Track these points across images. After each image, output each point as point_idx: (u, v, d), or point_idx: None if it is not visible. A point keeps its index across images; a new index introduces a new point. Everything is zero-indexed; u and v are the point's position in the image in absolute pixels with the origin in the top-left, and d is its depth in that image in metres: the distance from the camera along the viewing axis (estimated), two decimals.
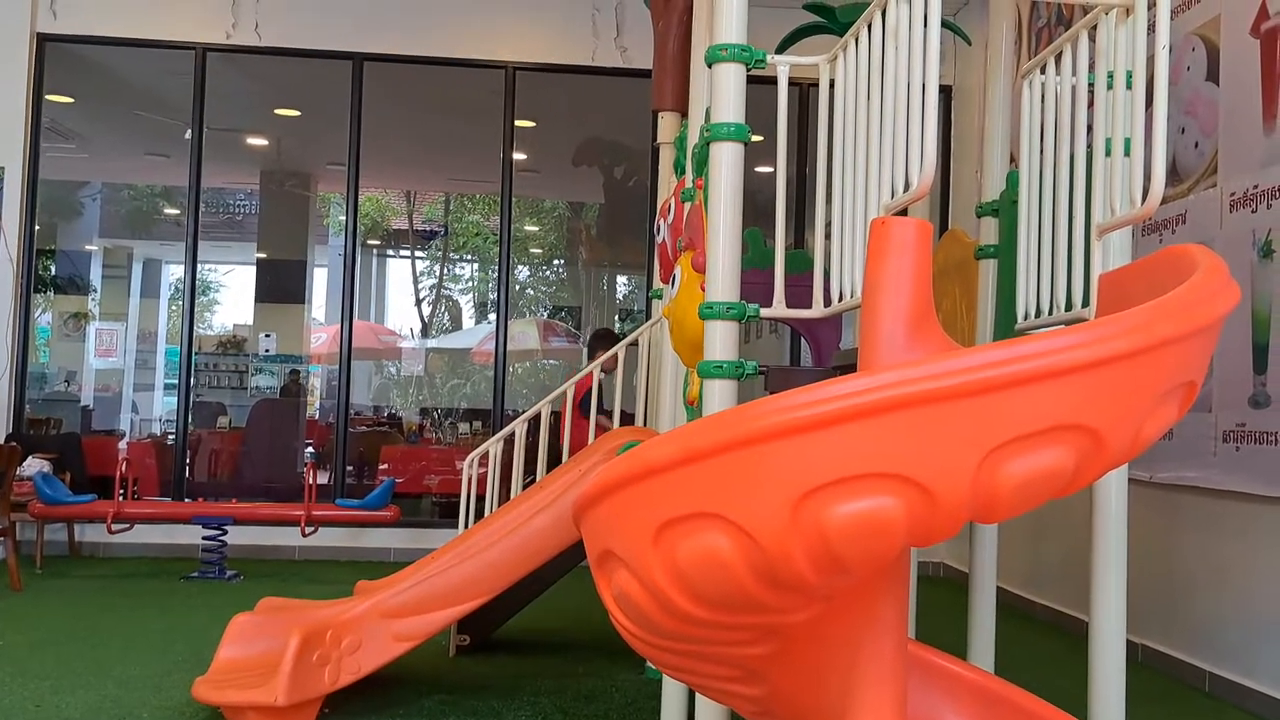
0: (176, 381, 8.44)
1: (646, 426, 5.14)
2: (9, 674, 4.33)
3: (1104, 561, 2.54)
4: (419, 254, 16.68)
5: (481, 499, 5.25)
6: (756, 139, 2.40)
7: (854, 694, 1.72)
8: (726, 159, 2.37)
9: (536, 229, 14.90)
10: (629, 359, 5.63)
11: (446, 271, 16.72)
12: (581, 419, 5.59)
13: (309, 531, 6.79)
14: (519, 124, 8.24)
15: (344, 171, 8.11)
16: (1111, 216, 2.16)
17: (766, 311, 2.42)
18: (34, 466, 6.89)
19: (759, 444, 1.40)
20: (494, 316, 8.59)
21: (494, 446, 5.23)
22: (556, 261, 15.86)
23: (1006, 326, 2.74)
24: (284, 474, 9.66)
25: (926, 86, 1.95)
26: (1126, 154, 2.12)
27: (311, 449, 10.12)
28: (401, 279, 16.66)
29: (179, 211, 10.45)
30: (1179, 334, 1.46)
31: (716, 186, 2.39)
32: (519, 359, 12.85)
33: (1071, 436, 1.40)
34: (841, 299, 2.33)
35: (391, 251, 16.74)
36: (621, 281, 14.35)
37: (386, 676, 4.14)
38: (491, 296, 12.54)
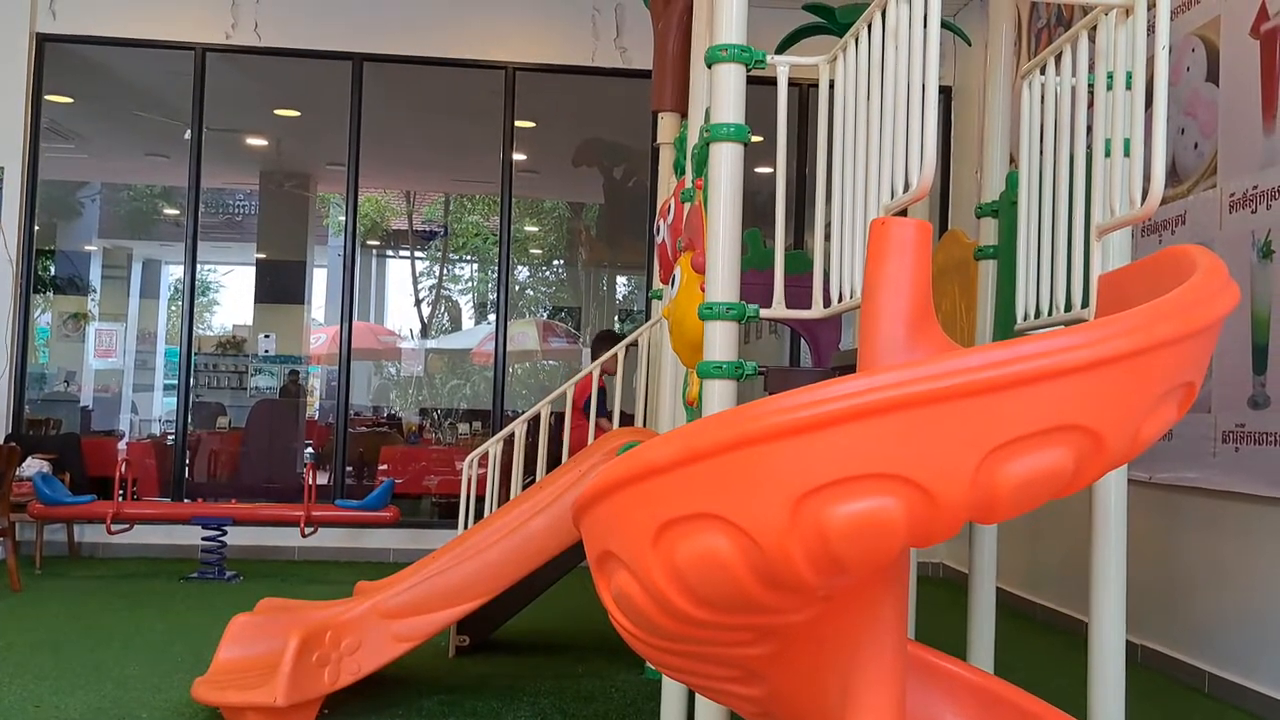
0: (176, 382, 8.44)
1: (646, 427, 5.14)
2: (9, 674, 4.33)
3: (1103, 562, 2.54)
4: (419, 254, 16.67)
5: (481, 500, 5.25)
6: (756, 139, 2.39)
7: (853, 694, 1.72)
8: (726, 159, 2.37)
9: (536, 229, 14.89)
10: (628, 359, 5.63)
11: (446, 272, 16.71)
12: (581, 419, 5.60)
13: (308, 532, 6.79)
14: (519, 124, 8.24)
15: (343, 172, 8.11)
16: (1111, 217, 2.16)
17: (766, 312, 2.42)
18: (33, 467, 6.89)
19: (759, 444, 1.40)
20: (494, 317, 8.59)
21: (493, 447, 5.24)
22: (556, 262, 15.85)
23: (1006, 327, 2.74)
24: (283, 474, 9.66)
25: (926, 87, 1.95)
26: (1126, 154, 2.12)
27: (311, 450, 10.12)
28: (401, 279, 16.65)
29: (178, 212, 10.45)
30: (1178, 335, 1.46)
31: (716, 187, 2.39)
32: (519, 360, 12.85)
33: (1071, 437, 1.40)
34: (841, 300, 2.33)
35: (391, 252, 16.72)
36: (621, 282, 14.34)
37: (386, 677, 4.14)
38: (491, 297, 12.54)
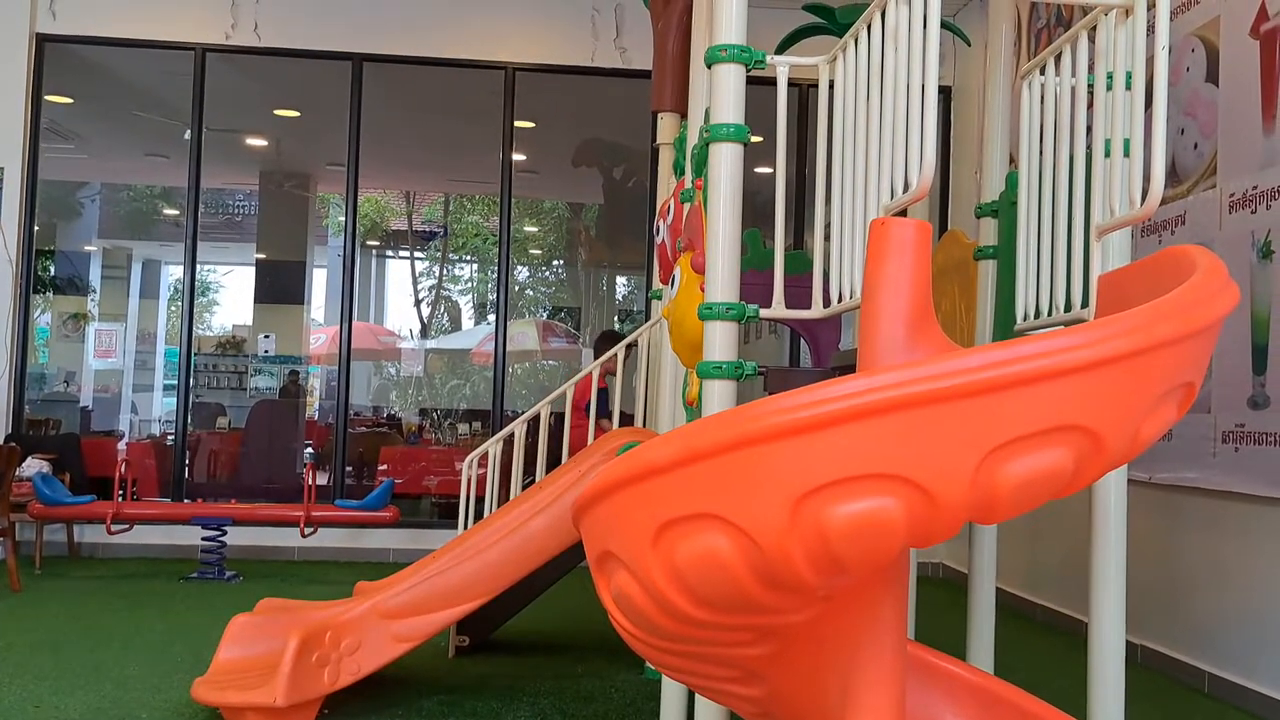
0: (176, 382, 8.43)
1: (646, 427, 5.14)
2: (9, 674, 4.33)
3: (1103, 562, 2.54)
4: (418, 255, 16.67)
5: (481, 500, 5.25)
6: (756, 140, 2.40)
7: (853, 694, 1.72)
8: (726, 159, 2.37)
9: (536, 230, 14.89)
10: (628, 360, 5.63)
11: (446, 272, 16.71)
12: (581, 419, 5.60)
13: (308, 532, 6.79)
14: (518, 124, 8.24)
15: (343, 172, 8.11)
16: (1111, 217, 2.16)
17: (766, 312, 2.42)
18: (33, 467, 6.89)
19: (758, 445, 1.40)
20: (493, 317, 8.59)
21: (493, 447, 5.24)
22: (556, 262, 15.85)
23: (1006, 327, 2.74)
24: (283, 475, 9.66)
25: (926, 87, 1.95)
26: (1126, 155, 2.12)
27: (311, 450, 10.12)
28: (401, 280, 16.66)
29: (178, 212, 10.46)
30: (1178, 335, 1.46)
31: (716, 187, 2.39)
32: (518, 360, 12.85)
33: (1071, 437, 1.40)
34: (841, 300, 2.33)
35: (391, 252, 16.72)
36: (621, 282, 14.34)
37: (386, 677, 4.14)
38: (491, 297, 12.54)
